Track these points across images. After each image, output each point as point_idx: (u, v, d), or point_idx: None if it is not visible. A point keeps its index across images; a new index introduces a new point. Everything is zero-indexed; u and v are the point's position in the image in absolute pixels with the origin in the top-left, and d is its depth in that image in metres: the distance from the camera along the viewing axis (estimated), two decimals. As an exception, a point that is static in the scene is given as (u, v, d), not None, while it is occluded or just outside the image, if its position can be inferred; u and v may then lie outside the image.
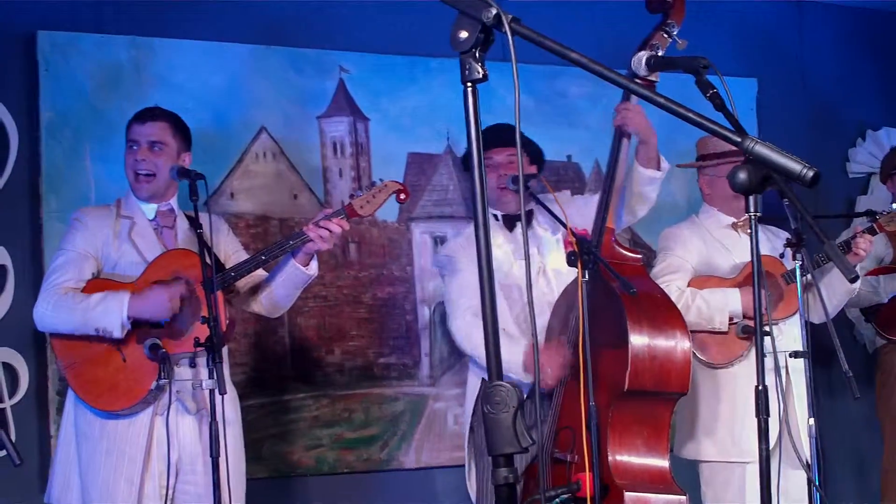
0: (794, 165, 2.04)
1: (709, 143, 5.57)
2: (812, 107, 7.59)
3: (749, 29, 7.38)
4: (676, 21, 4.79)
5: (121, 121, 5.01)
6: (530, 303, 2.33)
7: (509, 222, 5.27)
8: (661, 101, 2.09)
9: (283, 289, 4.87)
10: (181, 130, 4.86)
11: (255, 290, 4.93)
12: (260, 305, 4.94)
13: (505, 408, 2.20)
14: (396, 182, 4.82)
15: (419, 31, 6.38)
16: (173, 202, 4.88)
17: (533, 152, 5.33)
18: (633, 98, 4.83)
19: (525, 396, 4.70)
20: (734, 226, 5.51)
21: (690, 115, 2.07)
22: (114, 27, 5.81)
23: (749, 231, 5.39)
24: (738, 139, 2.07)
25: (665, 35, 4.76)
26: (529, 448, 2.23)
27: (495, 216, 5.24)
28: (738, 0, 7.36)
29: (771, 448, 3.52)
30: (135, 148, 4.76)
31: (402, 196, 4.80)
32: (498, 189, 5.14)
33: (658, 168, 4.93)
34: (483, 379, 5.09)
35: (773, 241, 5.50)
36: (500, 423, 2.20)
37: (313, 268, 4.84)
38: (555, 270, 5.05)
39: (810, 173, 2.03)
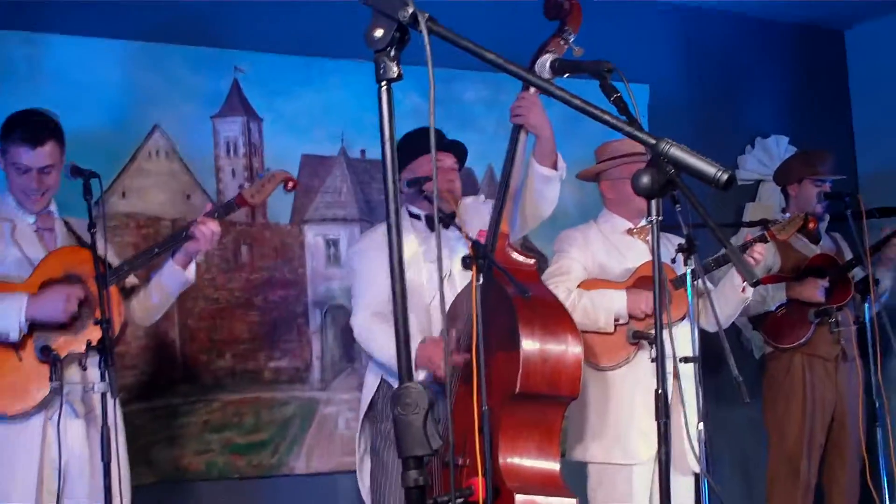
0: (709, 168, 2.05)
1: (608, 148, 5.59)
2: (702, 114, 7.69)
3: (639, 35, 7.44)
4: (573, 28, 4.80)
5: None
6: (442, 301, 2.32)
7: (432, 223, 5.19)
8: (578, 102, 2.09)
9: (158, 293, 4.83)
10: (62, 139, 4.71)
11: (129, 294, 4.86)
12: (132, 311, 4.86)
13: (416, 409, 2.19)
14: (284, 171, 4.92)
15: (316, 31, 6.36)
16: (52, 207, 4.78)
17: (463, 155, 5.35)
18: (531, 88, 4.80)
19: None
20: (630, 231, 5.55)
21: (606, 117, 2.07)
22: (8, 22, 5.69)
23: (644, 237, 5.53)
24: (653, 141, 2.07)
25: (562, 42, 4.76)
26: (440, 450, 2.22)
27: (418, 216, 5.19)
28: (627, 3, 7.41)
29: (658, 453, 3.54)
30: (24, 172, 4.61)
31: (290, 185, 4.88)
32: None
33: (554, 167, 4.93)
34: (382, 378, 5.09)
35: (666, 247, 5.53)
36: (410, 424, 2.18)
37: (191, 271, 4.82)
38: (461, 274, 5.01)
39: (724, 176, 2.04)
